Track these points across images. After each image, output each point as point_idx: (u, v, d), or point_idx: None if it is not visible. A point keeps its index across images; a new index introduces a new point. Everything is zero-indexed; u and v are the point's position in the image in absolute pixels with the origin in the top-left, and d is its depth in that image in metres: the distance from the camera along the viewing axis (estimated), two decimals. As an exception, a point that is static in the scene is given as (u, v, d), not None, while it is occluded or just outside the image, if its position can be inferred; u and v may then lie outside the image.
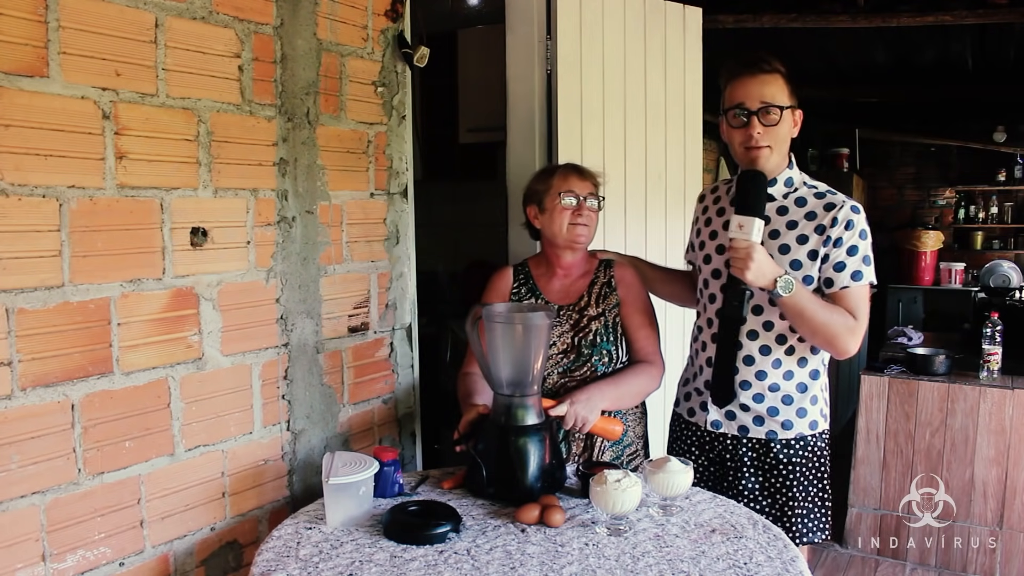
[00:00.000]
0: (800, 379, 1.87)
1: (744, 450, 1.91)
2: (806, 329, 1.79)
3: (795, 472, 1.88)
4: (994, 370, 3.30)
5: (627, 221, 2.98)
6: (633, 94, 2.97)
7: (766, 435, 1.88)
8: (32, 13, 1.38)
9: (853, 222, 1.78)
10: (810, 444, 1.89)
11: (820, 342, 1.82)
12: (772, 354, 1.86)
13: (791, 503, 1.88)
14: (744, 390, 1.88)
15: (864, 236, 1.79)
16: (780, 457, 1.88)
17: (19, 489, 1.41)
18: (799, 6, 4.04)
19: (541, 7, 2.71)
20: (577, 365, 1.96)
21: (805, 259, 1.80)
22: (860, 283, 1.79)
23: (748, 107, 1.79)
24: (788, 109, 1.81)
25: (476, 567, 1.40)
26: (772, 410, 1.87)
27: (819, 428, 1.90)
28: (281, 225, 1.88)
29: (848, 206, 1.80)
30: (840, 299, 1.79)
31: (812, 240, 1.80)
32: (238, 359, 1.79)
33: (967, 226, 7.45)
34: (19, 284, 1.39)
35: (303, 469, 1.97)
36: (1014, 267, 6.10)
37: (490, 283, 2.10)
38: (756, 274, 1.71)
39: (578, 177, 2.00)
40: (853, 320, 1.78)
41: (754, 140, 1.80)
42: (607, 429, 1.88)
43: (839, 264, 1.78)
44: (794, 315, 1.77)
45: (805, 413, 1.88)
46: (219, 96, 1.71)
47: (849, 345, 1.78)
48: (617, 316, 2.01)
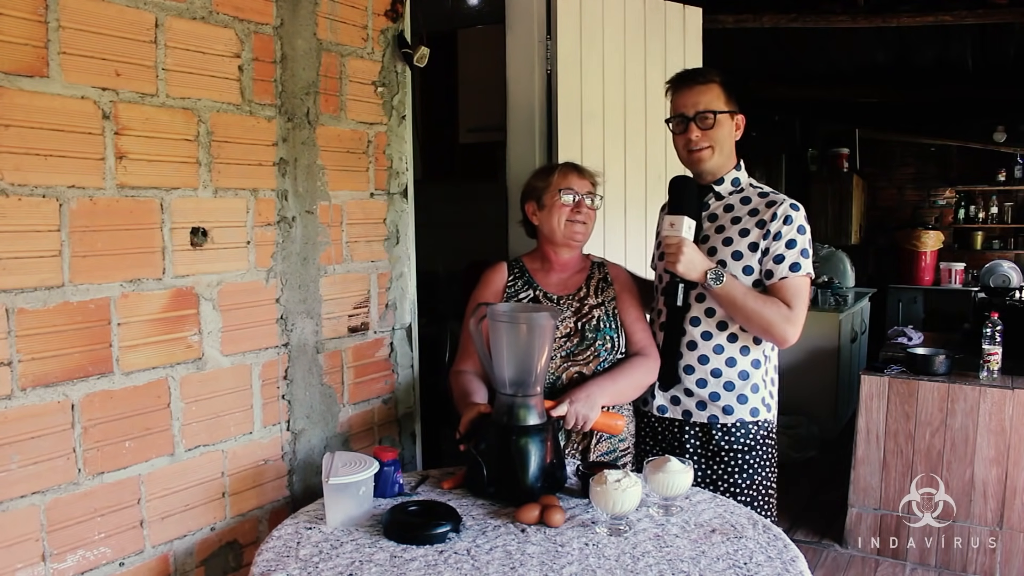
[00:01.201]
0: (742, 367, 1.97)
1: (687, 436, 2.01)
2: (740, 318, 1.92)
3: (736, 458, 1.97)
4: (994, 370, 3.30)
5: (627, 221, 2.98)
6: (633, 94, 2.97)
7: (708, 419, 1.98)
8: (32, 13, 1.38)
9: (792, 217, 1.92)
10: (751, 431, 1.98)
11: (757, 330, 1.93)
12: (713, 339, 1.97)
13: (732, 489, 1.97)
14: (688, 375, 1.99)
15: (803, 231, 1.93)
16: (721, 444, 1.98)
17: (19, 489, 1.41)
18: (799, 6, 4.05)
19: (541, 7, 2.71)
20: (581, 349, 1.98)
21: (746, 250, 1.94)
22: (798, 274, 1.91)
23: (686, 114, 1.97)
24: (725, 114, 1.97)
25: (476, 567, 1.40)
26: (714, 395, 1.98)
27: (760, 416, 1.99)
28: (281, 225, 1.88)
29: (787, 203, 1.95)
30: (779, 289, 1.91)
31: (753, 233, 1.94)
32: (238, 359, 1.79)
33: (967, 226, 7.45)
34: (19, 284, 1.39)
35: (303, 469, 1.97)
36: (1014, 267, 6.10)
37: (483, 278, 2.11)
38: (686, 266, 1.89)
39: (577, 175, 2.03)
40: (788, 309, 1.88)
41: (693, 143, 1.97)
42: (609, 424, 1.89)
43: (778, 256, 1.91)
44: (727, 304, 1.92)
45: (746, 400, 1.97)
46: (219, 96, 1.71)
47: (786, 333, 1.89)
48: (615, 308, 2.04)
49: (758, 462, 1.99)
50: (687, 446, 2.01)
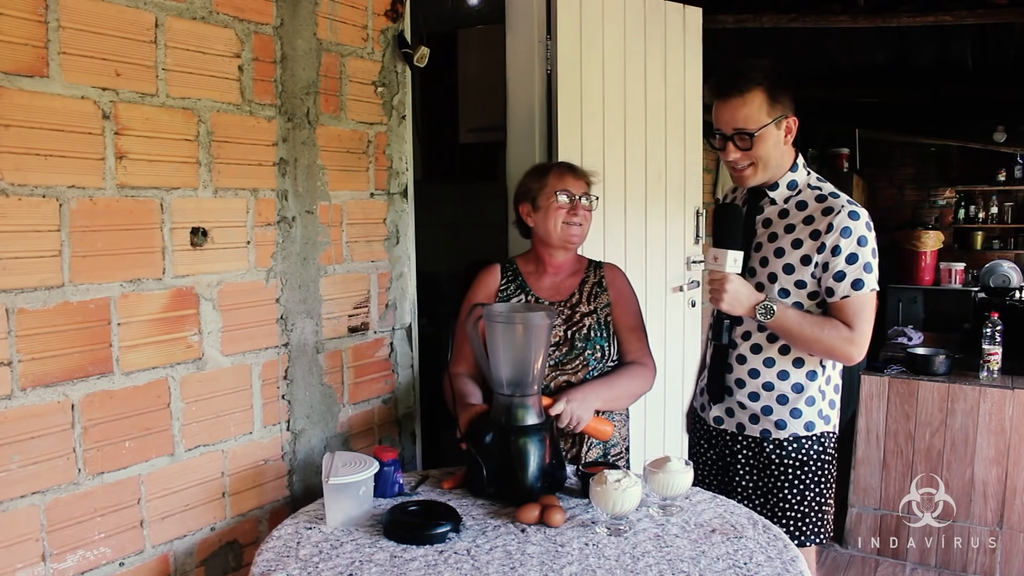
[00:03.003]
0: (796, 379, 1.87)
1: (739, 447, 1.94)
2: (801, 346, 1.83)
3: (787, 473, 1.88)
4: (994, 370, 3.30)
5: (627, 221, 2.98)
6: (633, 94, 2.97)
7: (760, 434, 1.90)
8: (32, 13, 1.38)
9: (850, 228, 1.75)
10: (804, 446, 1.87)
11: (819, 355, 1.84)
12: (763, 352, 1.88)
13: (782, 504, 1.88)
14: (739, 388, 1.91)
15: (864, 243, 1.76)
16: (772, 457, 1.89)
17: (19, 489, 1.41)
18: (799, 6, 4.04)
19: (541, 7, 2.71)
20: (570, 358, 1.96)
21: (798, 264, 1.80)
22: (861, 292, 1.76)
23: (723, 132, 1.81)
24: (769, 126, 1.77)
25: (476, 567, 1.40)
26: (766, 409, 1.88)
27: (817, 430, 1.88)
28: (281, 225, 1.88)
29: (846, 212, 1.77)
30: (840, 309, 1.78)
31: (806, 245, 1.79)
32: (238, 359, 1.79)
33: (967, 226, 7.45)
34: (19, 284, 1.39)
35: (303, 469, 1.97)
36: (1014, 267, 6.11)
37: (477, 280, 2.10)
38: (731, 303, 1.78)
39: (573, 176, 2.00)
40: (848, 331, 1.77)
41: (733, 163, 1.83)
42: (598, 429, 1.89)
43: (839, 274, 1.76)
44: (783, 335, 1.82)
45: (800, 414, 1.87)
46: (219, 96, 1.71)
47: (851, 354, 1.79)
48: (608, 316, 2.01)
49: (810, 477, 1.88)
50: (739, 457, 1.93)
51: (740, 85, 1.77)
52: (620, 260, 2.79)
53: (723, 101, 1.80)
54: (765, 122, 1.77)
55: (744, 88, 1.77)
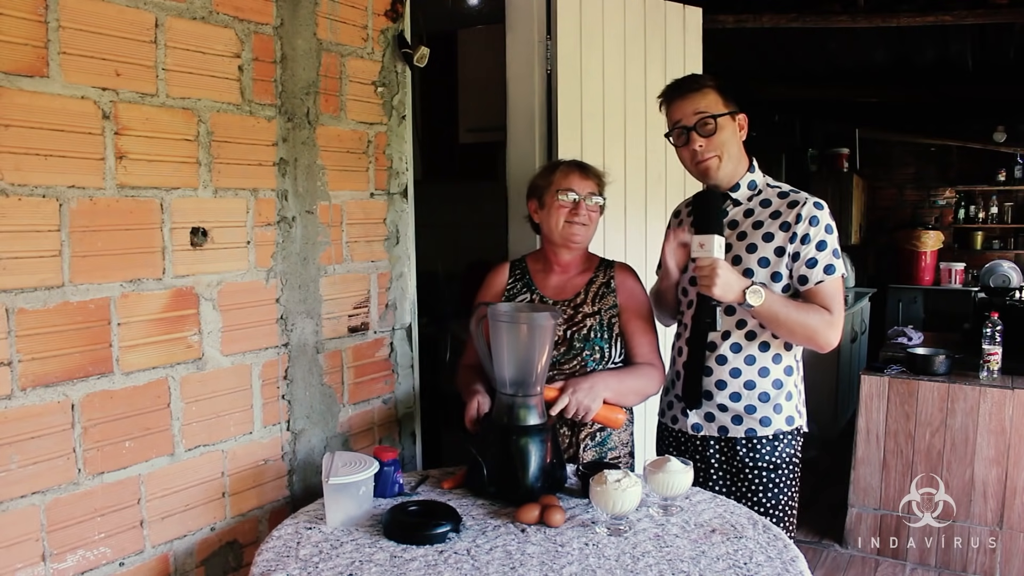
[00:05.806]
0: (776, 375, 1.91)
1: (712, 452, 1.95)
2: (784, 331, 1.85)
3: (761, 477, 1.90)
4: (994, 370, 3.30)
5: (627, 221, 2.98)
6: (633, 94, 2.97)
7: (745, 433, 1.91)
8: (32, 13, 1.38)
9: (817, 217, 1.84)
10: (778, 449, 1.91)
11: (800, 340, 1.87)
12: (744, 351, 1.90)
13: (757, 509, 1.89)
14: (720, 390, 1.92)
15: (830, 231, 1.85)
16: (747, 461, 1.91)
17: (19, 489, 1.41)
18: (799, 6, 4.04)
19: (541, 7, 2.71)
20: (567, 358, 1.95)
21: (772, 256, 1.86)
22: (833, 276, 1.84)
23: (685, 124, 1.89)
24: (726, 116, 1.88)
25: (476, 567, 1.40)
26: (750, 408, 1.90)
27: (795, 424, 1.93)
28: (281, 225, 1.88)
29: (811, 202, 1.86)
30: (815, 294, 1.84)
31: (778, 237, 1.86)
32: (238, 359, 1.79)
33: (967, 226, 7.45)
34: (19, 284, 1.39)
35: (303, 469, 1.97)
36: (1014, 267, 6.11)
37: (486, 280, 2.11)
38: (723, 289, 1.77)
39: (580, 175, 1.98)
40: (829, 314, 1.82)
41: (699, 154, 1.89)
42: (609, 417, 1.86)
43: (811, 260, 1.83)
44: (769, 321, 1.83)
45: (781, 409, 1.91)
46: (219, 96, 1.71)
47: (830, 338, 1.84)
48: (613, 317, 1.99)
49: (784, 481, 1.92)
50: (712, 462, 1.95)
51: (694, 84, 1.93)
52: (620, 260, 2.79)
53: (681, 98, 1.91)
54: (723, 111, 1.88)
55: (698, 86, 1.91)
